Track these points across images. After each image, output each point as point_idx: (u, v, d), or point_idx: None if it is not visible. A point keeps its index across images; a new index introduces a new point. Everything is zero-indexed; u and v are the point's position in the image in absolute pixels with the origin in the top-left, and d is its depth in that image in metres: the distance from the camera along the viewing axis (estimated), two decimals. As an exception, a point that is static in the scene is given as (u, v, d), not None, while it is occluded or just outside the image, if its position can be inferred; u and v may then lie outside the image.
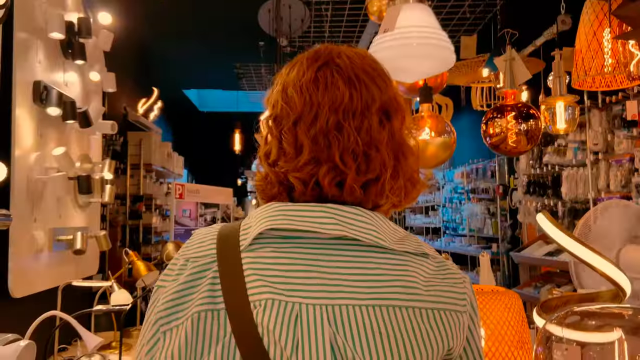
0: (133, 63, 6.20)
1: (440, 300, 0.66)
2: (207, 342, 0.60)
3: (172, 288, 0.64)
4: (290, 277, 0.63)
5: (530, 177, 5.99)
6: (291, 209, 0.66)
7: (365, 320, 0.61)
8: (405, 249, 0.68)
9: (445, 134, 2.01)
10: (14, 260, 2.03)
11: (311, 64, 0.70)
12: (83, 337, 1.63)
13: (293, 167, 0.67)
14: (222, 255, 0.64)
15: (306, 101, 0.67)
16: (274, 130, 0.70)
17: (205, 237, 0.69)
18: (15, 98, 2.07)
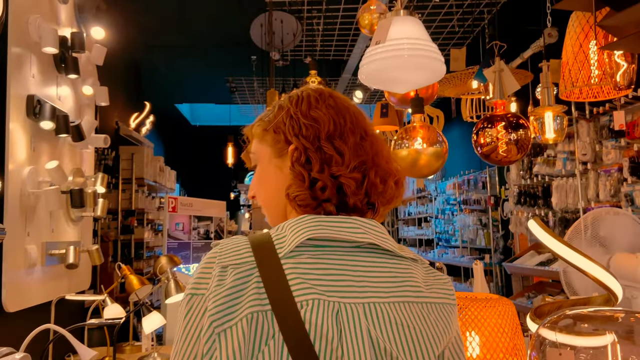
0: (125, 77, 6.22)
1: (438, 296, 0.80)
2: (258, 340, 0.66)
3: (220, 292, 0.69)
4: (328, 280, 0.72)
5: (521, 187, 6.04)
6: (327, 220, 0.76)
7: (390, 315, 0.73)
8: (406, 254, 0.81)
9: (437, 143, 2.04)
10: (7, 275, 2.02)
11: (320, 96, 0.86)
12: (78, 351, 1.62)
13: (345, 169, 0.79)
14: (262, 262, 0.71)
15: (334, 121, 0.82)
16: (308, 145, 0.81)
17: (238, 245, 0.74)
18: (9, 112, 2.07)
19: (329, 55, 6.65)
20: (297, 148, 0.82)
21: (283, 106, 0.87)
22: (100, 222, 4.88)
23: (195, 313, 0.70)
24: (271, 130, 0.86)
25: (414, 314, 0.76)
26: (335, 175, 0.79)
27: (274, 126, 0.85)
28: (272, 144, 0.86)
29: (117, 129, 5.78)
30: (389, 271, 0.77)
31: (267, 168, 0.88)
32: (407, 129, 2.10)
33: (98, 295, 2.34)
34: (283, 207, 0.86)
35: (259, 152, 0.89)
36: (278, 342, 0.66)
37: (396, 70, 1.64)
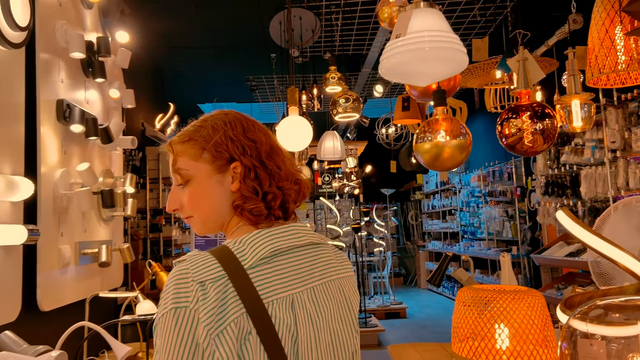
0: (149, 79, 6.32)
1: (346, 270, 1.03)
2: (241, 337, 0.81)
3: (208, 305, 0.81)
4: (283, 279, 0.89)
5: (548, 177, 5.94)
6: (277, 234, 0.92)
7: (325, 293, 0.94)
8: (324, 241, 1.02)
9: (460, 135, 2.02)
10: (42, 275, 2.09)
11: (246, 121, 1.02)
12: (112, 346, 1.67)
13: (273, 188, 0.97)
14: (232, 275, 0.84)
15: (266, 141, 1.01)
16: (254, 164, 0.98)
17: (206, 262, 0.85)
18: (39, 117, 2.13)
19: (348, 50, 6.64)
20: (245, 166, 0.95)
21: (217, 128, 0.98)
22: (130, 221, 4.99)
23: (185, 323, 0.80)
24: (211, 149, 0.96)
25: (338, 288, 0.97)
26: (280, 187, 0.97)
27: (214, 145, 0.96)
28: (212, 161, 0.97)
29: (143, 130, 5.89)
30: (318, 259, 0.97)
31: (206, 184, 0.97)
32: (429, 122, 2.09)
33: (130, 292, 2.40)
34: (223, 219, 0.99)
35: (194, 169, 0.98)
36: (255, 337, 0.82)
37: (417, 64, 1.63)
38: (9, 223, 1.82)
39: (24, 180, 1.86)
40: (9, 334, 1.55)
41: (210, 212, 0.99)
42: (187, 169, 0.98)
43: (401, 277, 12.91)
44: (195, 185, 0.98)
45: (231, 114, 1.02)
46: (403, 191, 13.21)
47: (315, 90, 5.25)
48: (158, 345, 0.81)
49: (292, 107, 3.25)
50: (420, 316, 8.60)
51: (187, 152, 0.98)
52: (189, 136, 0.99)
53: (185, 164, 0.98)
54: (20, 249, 1.92)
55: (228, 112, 1.03)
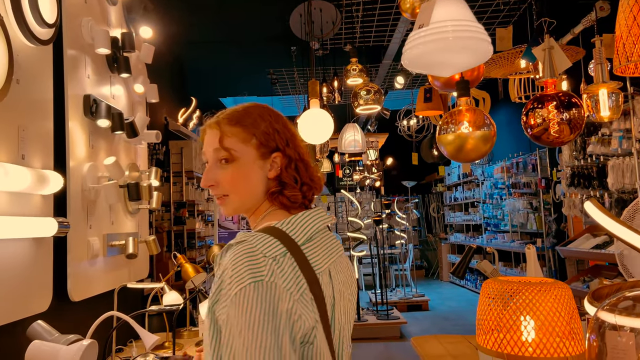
0: (171, 74, 6.39)
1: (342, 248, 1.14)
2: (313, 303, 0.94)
3: (286, 275, 0.91)
4: (321, 254, 1.00)
5: (574, 168, 5.83)
6: (315, 217, 1.04)
7: (340, 266, 1.07)
8: None
9: (484, 126, 2.00)
10: (72, 266, 2.14)
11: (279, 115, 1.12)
12: (141, 336, 1.71)
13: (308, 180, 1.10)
14: (292, 251, 0.95)
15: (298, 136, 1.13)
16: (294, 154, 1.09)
17: (269, 240, 0.95)
18: (68, 112, 2.18)
19: (368, 41, 6.59)
20: (287, 156, 1.05)
21: (264, 118, 1.06)
22: (155, 214, 5.07)
23: (264, 295, 0.87)
24: (260, 136, 1.04)
25: (345, 262, 1.10)
26: (312, 179, 1.08)
27: (263, 134, 1.05)
28: (258, 147, 1.05)
29: (166, 125, 5.96)
30: (333, 238, 1.08)
31: (249, 167, 1.05)
32: (452, 113, 2.07)
33: (157, 283, 2.45)
34: (256, 202, 1.07)
35: (241, 151, 1.04)
36: (312, 302, 0.93)
37: (441, 54, 1.62)
38: (40, 216, 1.88)
39: (54, 174, 1.91)
40: (41, 323, 1.60)
41: (248, 193, 1.06)
42: (235, 150, 1.04)
43: (423, 270, 12.85)
44: (239, 166, 1.04)
45: (272, 108, 1.10)
46: (424, 183, 13.12)
47: (336, 83, 5.24)
48: (236, 317, 0.85)
49: (313, 100, 3.25)
50: (442, 309, 8.56)
51: (237, 134, 1.04)
52: (237, 120, 1.05)
53: (234, 145, 1.04)
54: (50, 241, 1.98)
55: (268, 106, 1.11)
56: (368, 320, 6.57)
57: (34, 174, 1.78)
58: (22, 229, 1.71)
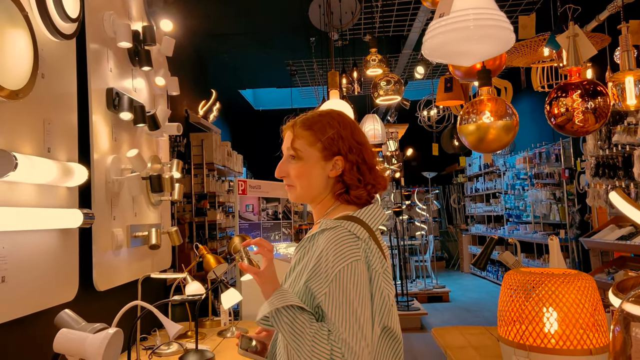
0: (191, 67, 6.44)
1: None
2: None
3: (374, 254, 1.14)
4: (382, 243, 1.20)
5: (599, 158, 5.71)
6: (380, 209, 1.23)
7: None
8: None
9: (506, 116, 1.97)
10: (97, 256, 2.19)
11: (354, 124, 1.28)
12: (165, 325, 1.74)
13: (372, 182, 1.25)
14: (373, 236, 1.16)
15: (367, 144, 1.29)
16: (357, 159, 1.25)
17: (354, 225, 1.14)
18: (91, 105, 2.22)
19: (388, 31, 6.53)
20: (350, 161, 1.21)
21: (332, 125, 1.23)
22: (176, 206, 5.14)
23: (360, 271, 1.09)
24: (325, 142, 1.22)
25: None
26: (376, 179, 1.24)
27: (328, 140, 1.21)
28: (322, 150, 1.22)
29: (186, 117, 6.02)
30: None
31: (312, 166, 1.23)
32: (474, 103, 2.05)
33: (180, 274, 2.49)
34: (317, 195, 1.26)
35: (306, 152, 1.24)
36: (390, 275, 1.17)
37: (462, 43, 1.59)
38: (65, 207, 1.92)
39: (79, 167, 1.95)
40: (68, 312, 1.64)
41: (309, 187, 1.25)
42: (302, 150, 1.24)
43: (443, 261, 12.78)
44: (303, 164, 1.24)
45: (345, 116, 1.27)
46: (445, 174, 13.00)
47: (355, 74, 5.21)
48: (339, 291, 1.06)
49: (332, 91, 3.24)
50: (463, 300, 8.52)
51: (305, 137, 1.24)
52: (310, 125, 1.24)
53: (301, 146, 1.24)
54: (76, 232, 2.02)
55: (342, 114, 1.28)
56: (388, 311, 6.57)
57: (59, 166, 1.82)
58: (48, 220, 1.76)
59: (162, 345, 2.46)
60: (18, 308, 1.65)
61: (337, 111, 1.29)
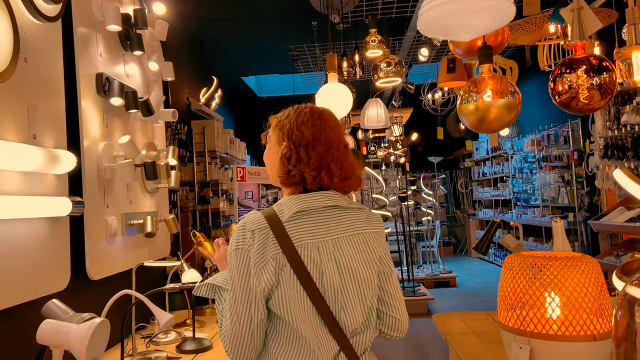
0: (191, 54, 6.36)
1: (373, 228, 1.32)
2: (278, 269, 1.18)
3: (254, 246, 1.19)
4: (310, 231, 1.22)
5: (608, 139, 5.59)
6: (304, 198, 1.25)
7: (347, 242, 1.25)
8: (354, 206, 1.31)
9: (508, 94, 1.88)
10: (90, 245, 2.15)
11: (311, 115, 1.31)
12: (154, 313, 1.70)
13: (307, 169, 1.26)
14: (272, 226, 1.21)
15: (313, 136, 1.28)
16: (292, 147, 1.28)
17: (256, 217, 1.23)
18: (80, 91, 2.16)
19: (391, 13, 6.41)
20: (287, 147, 1.28)
21: (290, 114, 1.32)
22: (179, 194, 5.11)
23: (243, 259, 1.20)
24: (279, 125, 1.32)
25: (361, 240, 1.28)
26: (301, 170, 1.26)
27: (280, 125, 1.31)
28: (277, 134, 1.32)
29: (188, 105, 5.96)
30: (344, 218, 1.28)
31: (270, 149, 1.36)
32: (474, 82, 1.96)
33: (174, 262, 2.44)
34: (277, 180, 1.33)
35: (270, 137, 1.36)
36: (288, 268, 1.18)
37: (459, 16, 1.51)
38: (54, 195, 1.87)
39: (66, 154, 1.89)
40: (56, 302, 1.60)
41: (270, 169, 1.37)
42: (269, 135, 1.36)
43: (451, 247, 12.72)
44: (268, 148, 1.37)
45: (310, 109, 1.33)
46: (452, 159, 12.88)
47: (357, 57, 5.11)
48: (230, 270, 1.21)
49: (331, 74, 3.17)
50: (470, 285, 8.46)
51: (272, 125, 1.35)
52: (279, 115, 1.35)
53: (270, 132, 1.36)
54: (66, 220, 1.98)
55: (310, 107, 1.35)
56: (394, 297, 6.53)
57: (45, 153, 1.77)
58: (34, 208, 1.71)
59: (159, 333, 2.43)
60: (5, 298, 1.62)
61: (310, 105, 1.36)
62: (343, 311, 1.21)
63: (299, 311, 1.18)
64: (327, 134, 1.30)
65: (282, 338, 1.21)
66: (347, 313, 1.22)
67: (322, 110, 1.35)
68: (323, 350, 1.19)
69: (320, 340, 1.19)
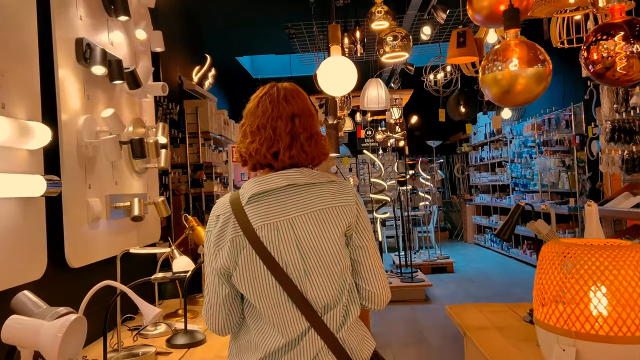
0: (184, 31, 6.09)
1: (341, 201, 1.28)
2: (238, 250, 1.23)
3: (216, 229, 1.27)
4: (268, 211, 1.23)
5: (615, 122, 5.41)
6: (260, 180, 1.25)
7: (306, 219, 1.23)
8: (320, 181, 1.28)
9: (538, 63, 1.68)
10: (69, 229, 1.94)
11: (268, 94, 1.33)
12: (140, 308, 1.50)
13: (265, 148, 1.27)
14: (234, 209, 1.25)
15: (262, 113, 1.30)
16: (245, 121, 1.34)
17: (223, 202, 1.29)
18: (57, 57, 1.93)
19: (392, -12, 6.14)
20: (243, 124, 1.34)
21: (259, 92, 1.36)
22: (171, 177, 4.88)
23: (208, 241, 1.29)
24: None
25: (321, 216, 1.24)
26: (247, 147, 1.29)
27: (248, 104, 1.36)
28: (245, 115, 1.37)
29: (180, 84, 5.71)
30: (303, 196, 1.25)
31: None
32: (499, 49, 1.75)
33: (164, 248, 2.24)
34: None
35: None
36: (249, 249, 1.21)
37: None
38: (27, 173, 1.66)
39: (40, 126, 1.67)
40: (27, 293, 1.39)
41: None
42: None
43: (446, 232, 12.59)
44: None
45: (280, 87, 1.33)
46: (449, 144, 12.70)
47: (358, 33, 4.87)
48: None
49: (334, 47, 2.94)
50: (467, 271, 8.34)
51: None
52: None
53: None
54: (42, 202, 1.76)
55: (281, 84, 1.35)
56: (392, 282, 6.39)
57: (15, 124, 1.55)
58: (1, 187, 1.50)
59: (148, 325, 2.23)
60: (-33, 290, 1.41)
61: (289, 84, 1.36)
62: (310, 288, 1.22)
63: (263, 290, 1.22)
64: (289, 112, 1.30)
65: (256, 315, 1.27)
66: (314, 290, 1.22)
67: (283, 90, 1.34)
68: (288, 327, 1.21)
69: (287, 318, 1.22)
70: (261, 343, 1.22)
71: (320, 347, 1.21)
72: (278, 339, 1.21)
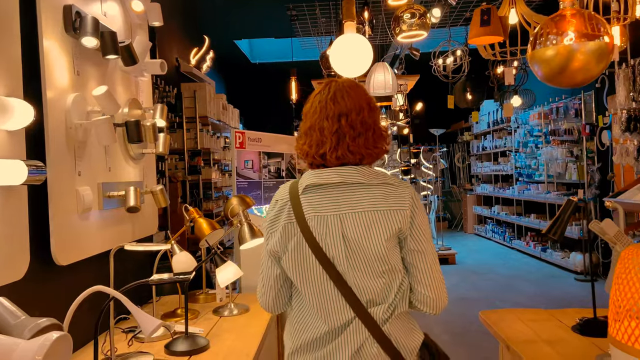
0: (182, 12, 5.81)
1: (393, 205, 1.31)
2: (289, 236, 1.32)
3: (272, 213, 1.36)
4: (320, 204, 1.32)
5: (631, 111, 5.20)
6: (315, 173, 1.34)
7: (355, 218, 1.29)
8: (373, 182, 1.33)
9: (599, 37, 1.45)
10: (56, 221, 1.70)
11: (320, 92, 1.39)
12: (137, 319, 1.28)
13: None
14: (291, 197, 1.34)
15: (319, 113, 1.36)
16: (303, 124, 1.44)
17: (284, 188, 1.39)
18: (41, 26, 1.69)
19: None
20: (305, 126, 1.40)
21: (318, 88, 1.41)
22: (167, 163, 4.65)
23: (266, 222, 1.38)
24: None
25: (371, 217, 1.29)
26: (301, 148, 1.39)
27: None
28: None
29: (177, 67, 5.46)
30: (356, 195, 1.31)
31: None
32: (551, 21, 1.53)
33: (163, 245, 2.01)
34: None
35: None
36: (299, 236, 1.30)
37: None
38: (5, 158, 1.42)
39: (20, 103, 1.43)
40: (3, 301, 1.17)
41: None
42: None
43: (446, 222, 12.42)
44: None
45: (333, 85, 1.36)
46: (450, 132, 12.47)
47: (367, 14, 4.62)
48: None
49: (348, 23, 2.69)
50: (469, 262, 8.18)
51: None
52: None
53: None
54: (23, 191, 1.53)
55: (337, 81, 1.37)
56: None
57: (-12, 100, 1.31)
58: (-27, 174, 1.26)
59: (145, 328, 2.01)
60: None
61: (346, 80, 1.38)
62: (354, 282, 1.27)
63: (310, 276, 1.29)
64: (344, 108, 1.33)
65: (302, 301, 1.34)
66: (358, 284, 1.27)
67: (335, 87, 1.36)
68: (331, 315, 1.27)
69: (331, 306, 1.28)
70: (305, 328, 1.30)
71: (365, 337, 1.26)
72: (321, 326, 1.28)
